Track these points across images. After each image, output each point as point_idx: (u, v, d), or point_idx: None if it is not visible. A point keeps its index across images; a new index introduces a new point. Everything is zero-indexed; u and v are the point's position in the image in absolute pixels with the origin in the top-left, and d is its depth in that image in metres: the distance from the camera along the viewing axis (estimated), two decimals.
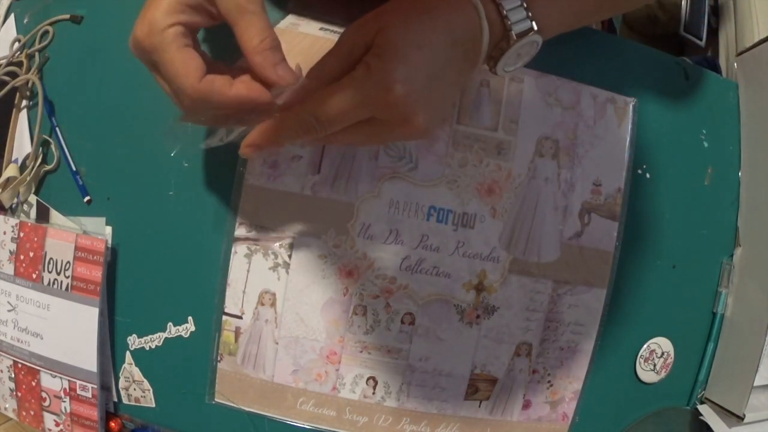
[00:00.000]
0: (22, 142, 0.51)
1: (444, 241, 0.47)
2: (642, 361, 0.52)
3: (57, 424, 0.50)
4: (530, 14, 0.36)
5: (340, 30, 0.45)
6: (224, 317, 0.48)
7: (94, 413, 0.49)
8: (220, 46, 0.44)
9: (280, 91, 0.34)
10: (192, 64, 0.33)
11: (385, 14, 0.35)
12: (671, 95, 0.52)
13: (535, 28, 0.36)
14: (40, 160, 0.49)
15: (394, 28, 0.34)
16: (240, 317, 0.48)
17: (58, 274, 0.48)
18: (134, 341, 0.49)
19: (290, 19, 0.47)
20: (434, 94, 0.35)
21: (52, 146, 0.49)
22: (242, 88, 0.33)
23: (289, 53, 0.41)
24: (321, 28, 0.46)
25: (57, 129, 0.49)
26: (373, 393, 0.49)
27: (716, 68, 0.61)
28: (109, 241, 0.48)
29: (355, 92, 0.33)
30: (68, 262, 0.47)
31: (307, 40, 0.45)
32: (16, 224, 0.49)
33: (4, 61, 0.51)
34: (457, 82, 0.37)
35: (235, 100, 0.33)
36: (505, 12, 0.35)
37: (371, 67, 0.33)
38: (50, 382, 0.50)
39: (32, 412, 0.51)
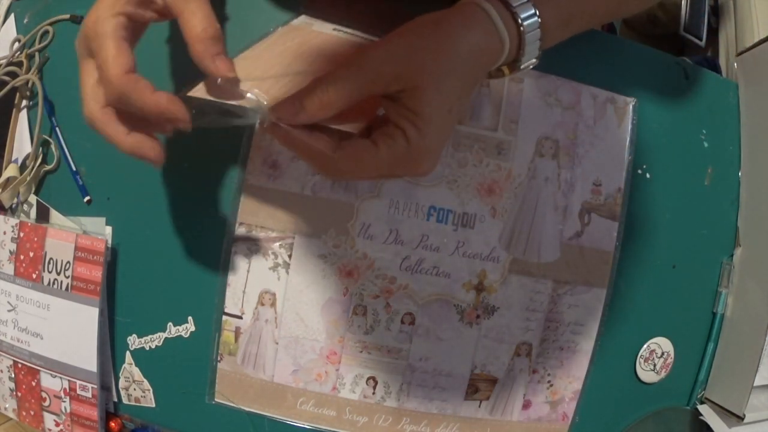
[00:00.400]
0: (22, 142, 0.51)
1: (444, 241, 0.47)
2: (642, 361, 0.52)
3: (57, 424, 0.50)
4: (537, 12, 0.35)
5: (354, 31, 0.45)
6: (224, 317, 0.48)
7: (94, 413, 0.49)
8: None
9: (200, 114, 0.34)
10: (123, 55, 0.33)
11: (414, 62, 0.33)
12: (671, 95, 0.52)
13: (539, 21, 0.35)
14: (40, 160, 0.49)
15: (429, 91, 0.33)
16: (240, 317, 0.48)
17: (58, 274, 0.48)
18: (134, 341, 0.49)
19: (303, 18, 0.47)
20: (447, 134, 0.36)
21: (52, 146, 0.49)
22: (164, 97, 0.33)
23: (302, 47, 0.41)
24: (334, 29, 0.46)
25: (57, 129, 0.49)
26: (373, 393, 0.49)
27: (716, 68, 0.61)
28: (109, 241, 0.48)
29: (391, 161, 0.34)
30: (68, 262, 0.47)
31: (320, 37, 0.45)
32: (16, 224, 0.49)
33: (4, 61, 0.51)
34: (469, 100, 0.38)
35: (153, 106, 0.33)
36: (524, 38, 0.35)
37: (410, 139, 0.33)
38: (50, 382, 0.50)
39: (32, 412, 0.51)
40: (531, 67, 0.38)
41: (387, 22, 0.39)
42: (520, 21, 0.35)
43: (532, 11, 0.35)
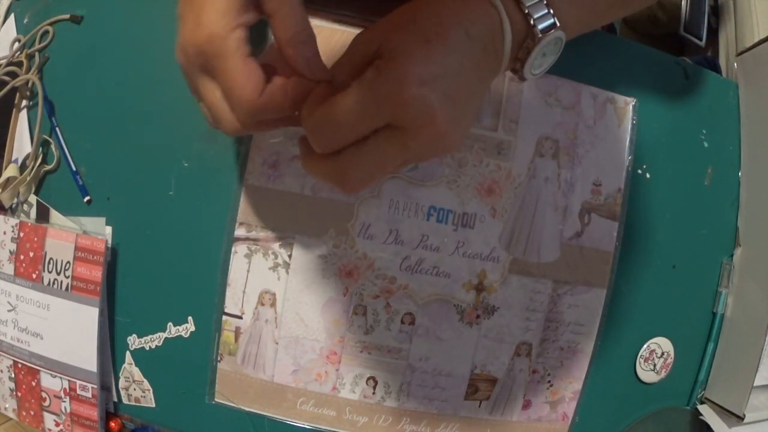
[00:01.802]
0: (22, 142, 0.51)
1: (444, 241, 0.47)
2: (642, 361, 0.52)
3: (57, 424, 0.50)
4: (551, 10, 0.34)
5: (358, 23, 0.45)
6: (224, 317, 0.48)
7: (94, 413, 0.49)
8: None
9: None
10: (254, 76, 0.32)
11: (391, 18, 0.33)
12: (671, 95, 0.52)
13: (558, 23, 0.34)
14: (40, 160, 0.49)
15: (400, 29, 0.32)
16: (240, 317, 0.48)
17: (58, 274, 0.48)
18: (134, 341, 0.49)
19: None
20: (454, 92, 0.32)
21: (52, 146, 0.49)
22: (297, 85, 0.32)
23: None
24: (337, 20, 0.46)
25: (57, 129, 0.49)
26: (373, 393, 0.49)
27: (716, 68, 0.61)
28: (109, 241, 0.48)
29: (365, 93, 0.31)
30: (68, 262, 0.47)
31: (324, 32, 0.45)
32: (16, 224, 0.49)
33: (4, 61, 0.51)
34: (478, 84, 0.35)
35: (294, 103, 0.32)
36: (526, 9, 0.33)
37: (380, 68, 0.31)
38: (50, 382, 0.50)
39: (32, 412, 0.51)
40: (550, 64, 0.36)
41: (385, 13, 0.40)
42: (527, 11, 0.33)
43: (546, 11, 0.34)
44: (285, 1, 0.32)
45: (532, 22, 0.34)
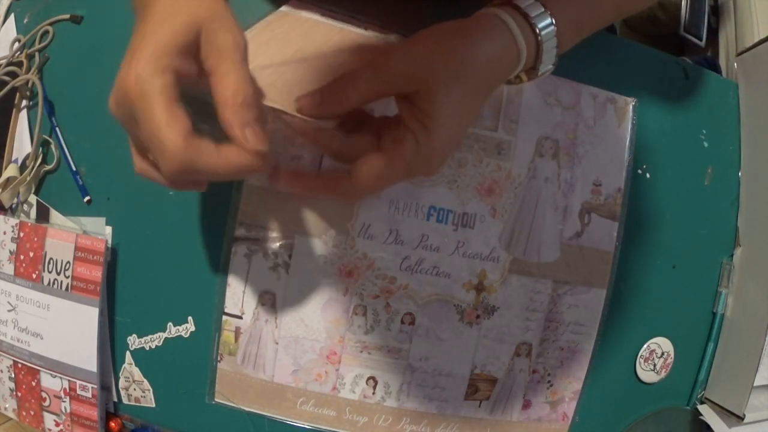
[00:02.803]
0: (22, 142, 0.51)
1: (444, 241, 0.47)
2: (642, 361, 0.52)
3: (57, 424, 0.50)
4: (553, 21, 0.36)
5: (343, 17, 0.45)
6: (224, 317, 0.48)
7: (94, 413, 0.49)
8: None
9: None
10: (179, 120, 0.29)
11: (431, 65, 0.34)
12: (671, 95, 0.52)
13: (554, 22, 0.36)
14: (40, 160, 0.49)
15: (441, 93, 0.33)
16: (240, 317, 0.48)
17: (58, 274, 0.48)
18: (134, 341, 0.49)
19: (288, 7, 0.47)
20: (458, 137, 0.37)
21: (52, 146, 0.49)
22: (232, 153, 0.30)
23: (289, 35, 0.41)
24: (323, 14, 0.45)
25: (57, 129, 0.49)
26: (373, 393, 0.49)
27: (716, 68, 0.61)
28: (109, 241, 0.48)
29: (404, 165, 0.35)
30: (68, 262, 0.47)
31: (307, 23, 0.45)
32: (16, 224, 0.49)
33: (4, 61, 0.51)
34: (483, 106, 0.38)
35: (226, 166, 0.30)
36: (541, 47, 0.36)
37: (419, 138, 0.34)
38: (50, 382, 0.50)
39: (32, 412, 0.51)
40: (548, 73, 0.39)
41: (375, 8, 0.40)
42: (537, 31, 0.36)
43: (549, 20, 0.36)
44: (227, 57, 0.30)
45: (532, 23, 0.36)
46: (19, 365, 0.50)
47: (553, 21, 0.36)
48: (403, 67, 0.34)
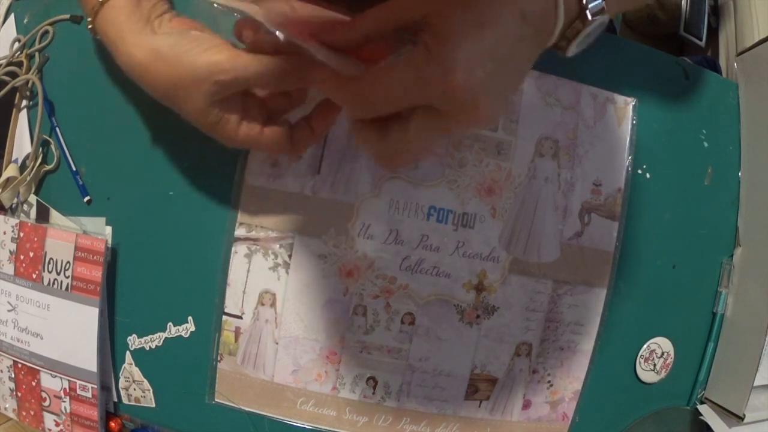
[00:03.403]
0: (22, 142, 0.51)
1: (444, 241, 0.47)
2: (642, 361, 0.52)
3: (57, 424, 0.50)
4: None
5: None
6: (224, 317, 0.48)
7: (94, 413, 0.49)
8: None
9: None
10: (275, 135, 0.38)
11: None
12: (671, 95, 0.52)
13: (605, 6, 0.33)
14: (40, 160, 0.49)
15: (454, 4, 0.30)
16: (240, 317, 0.48)
17: (58, 274, 0.48)
18: (134, 341, 0.49)
19: None
20: (500, 78, 0.31)
21: (52, 146, 0.49)
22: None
23: None
24: None
25: (57, 129, 0.49)
26: (373, 393, 0.49)
27: (716, 68, 0.61)
28: (109, 241, 0.48)
29: (412, 75, 0.30)
30: (68, 262, 0.47)
31: None
32: (16, 224, 0.49)
33: (4, 61, 0.51)
34: (525, 64, 0.34)
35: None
36: None
37: (430, 48, 0.30)
38: (50, 382, 0.50)
39: (32, 412, 0.51)
40: (601, 22, 0.35)
41: None
42: None
43: None
44: (244, 65, 0.35)
45: (584, 4, 0.33)
46: (19, 365, 0.50)
47: None
48: None
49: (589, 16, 0.33)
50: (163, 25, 0.37)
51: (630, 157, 0.50)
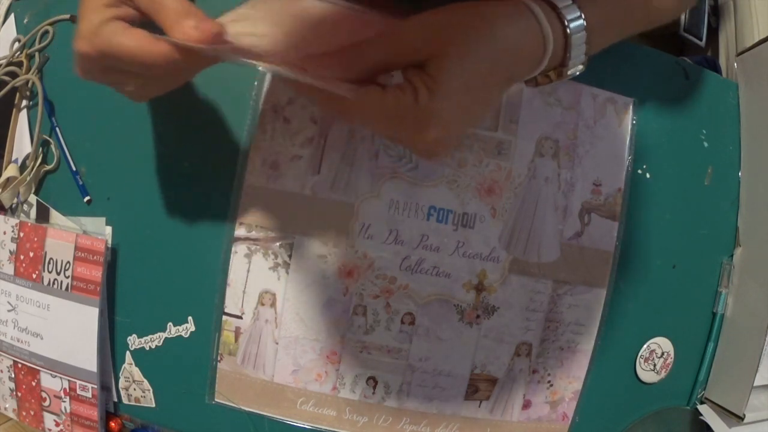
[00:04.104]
0: (22, 142, 0.51)
1: (444, 241, 0.47)
2: (642, 361, 0.52)
3: (57, 424, 0.50)
4: (582, 15, 0.34)
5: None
6: (224, 317, 0.48)
7: (94, 413, 0.49)
8: None
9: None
10: (145, 39, 0.31)
11: (445, 33, 0.32)
12: (671, 95, 0.52)
13: (585, 22, 0.34)
14: (40, 160, 0.49)
15: (451, 61, 0.31)
16: (240, 317, 0.48)
17: (58, 274, 0.48)
18: (134, 341, 0.49)
19: None
20: (465, 126, 0.34)
21: (52, 146, 0.49)
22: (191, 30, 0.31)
23: (282, 15, 0.40)
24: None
25: (57, 129, 0.49)
26: (373, 393, 0.49)
27: (716, 68, 0.61)
28: (109, 241, 0.48)
29: (393, 112, 0.32)
30: (68, 262, 0.47)
31: (300, 4, 0.43)
32: (16, 224, 0.49)
33: (4, 61, 0.51)
34: (498, 98, 0.36)
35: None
36: (566, 24, 0.34)
37: (419, 97, 0.31)
38: (50, 382, 0.50)
39: (32, 412, 0.51)
40: (577, 73, 0.36)
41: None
42: (566, 23, 0.34)
43: (578, 13, 0.34)
44: None
45: (565, 22, 0.34)
46: (19, 365, 0.50)
47: (582, 15, 0.34)
48: (415, 35, 0.32)
49: (570, 32, 0.34)
50: None
51: (630, 157, 0.50)
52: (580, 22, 0.34)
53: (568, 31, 0.34)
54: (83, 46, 0.33)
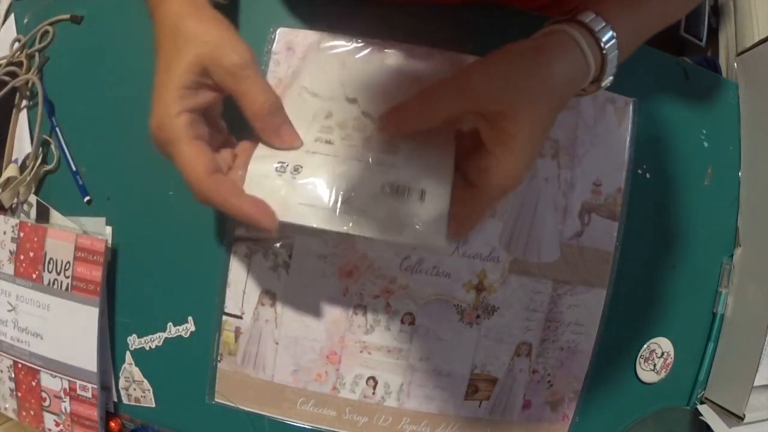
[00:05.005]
0: (22, 142, 0.51)
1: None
2: (642, 361, 0.52)
3: (57, 424, 0.50)
4: (615, 34, 0.37)
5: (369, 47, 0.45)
6: (224, 317, 0.48)
7: (94, 413, 0.49)
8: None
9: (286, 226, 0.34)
10: (200, 157, 0.33)
11: (512, 93, 0.34)
12: (671, 95, 0.52)
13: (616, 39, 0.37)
14: (40, 160, 0.49)
15: (524, 114, 0.33)
16: (240, 317, 0.48)
17: (58, 274, 0.48)
18: (134, 341, 0.49)
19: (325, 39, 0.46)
20: (533, 161, 0.37)
21: (52, 146, 0.49)
22: (248, 205, 0.33)
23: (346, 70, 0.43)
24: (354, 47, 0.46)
25: (57, 129, 0.49)
26: (373, 393, 0.49)
27: (716, 68, 0.61)
28: (109, 241, 0.48)
29: (493, 195, 0.35)
30: (68, 262, 0.47)
31: (369, 61, 0.45)
32: (16, 224, 0.49)
33: (4, 61, 0.51)
34: (553, 124, 0.38)
35: (237, 212, 0.33)
36: (606, 59, 0.37)
37: (500, 162, 0.34)
38: (50, 382, 0.50)
39: (32, 412, 0.51)
40: (609, 83, 0.39)
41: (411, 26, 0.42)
42: (602, 45, 0.36)
43: (611, 33, 0.36)
44: (241, 75, 0.33)
45: (602, 44, 0.36)
46: (19, 365, 0.50)
47: (615, 34, 0.37)
48: (486, 86, 0.34)
49: (606, 51, 0.37)
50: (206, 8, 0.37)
51: (630, 157, 0.50)
52: (614, 42, 0.37)
53: (604, 51, 0.36)
54: (153, 127, 0.34)
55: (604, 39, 0.36)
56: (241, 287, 0.48)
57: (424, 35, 0.46)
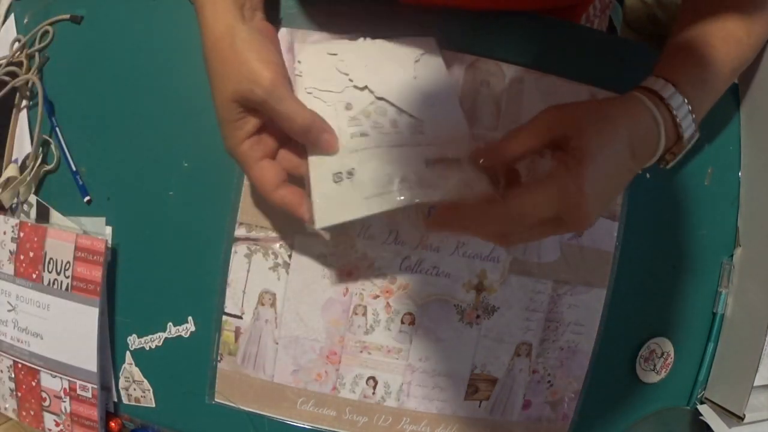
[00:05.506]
0: (22, 142, 0.51)
1: (444, 241, 0.47)
2: (642, 361, 0.52)
3: (57, 424, 0.50)
4: (695, 118, 0.40)
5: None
6: (224, 317, 0.48)
7: (94, 413, 0.49)
8: None
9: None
10: (266, 175, 0.39)
11: (580, 113, 0.38)
12: None
13: (696, 129, 0.41)
14: (40, 160, 0.49)
15: (589, 133, 0.36)
16: (240, 317, 0.48)
17: (58, 274, 0.48)
18: (134, 341, 0.49)
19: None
20: (609, 195, 0.39)
21: (52, 146, 0.49)
22: (306, 213, 0.38)
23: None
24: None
25: (57, 129, 0.49)
26: (373, 393, 0.49)
27: None
28: (109, 241, 0.48)
29: (553, 188, 0.35)
30: (68, 262, 0.47)
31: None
32: (16, 224, 0.49)
33: (4, 61, 0.51)
34: (626, 182, 0.41)
35: (305, 218, 0.38)
36: (679, 121, 0.39)
37: (570, 167, 0.36)
38: (50, 382, 0.50)
39: (32, 412, 0.51)
40: (694, 140, 0.41)
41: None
42: (674, 113, 0.39)
43: (681, 99, 0.40)
44: (273, 103, 0.37)
45: (681, 133, 0.40)
46: (19, 365, 0.50)
47: (685, 99, 0.40)
48: (555, 114, 0.38)
49: (686, 143, 0.40)
50: (254, 20, 0.40)
51: None
52: (686, 107, 0.40)
53: (674, 112, 0.39)
54: (225, 145, 0.40)
55: (675, 105, 0.39)
56: (241, 287, 0.48)
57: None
